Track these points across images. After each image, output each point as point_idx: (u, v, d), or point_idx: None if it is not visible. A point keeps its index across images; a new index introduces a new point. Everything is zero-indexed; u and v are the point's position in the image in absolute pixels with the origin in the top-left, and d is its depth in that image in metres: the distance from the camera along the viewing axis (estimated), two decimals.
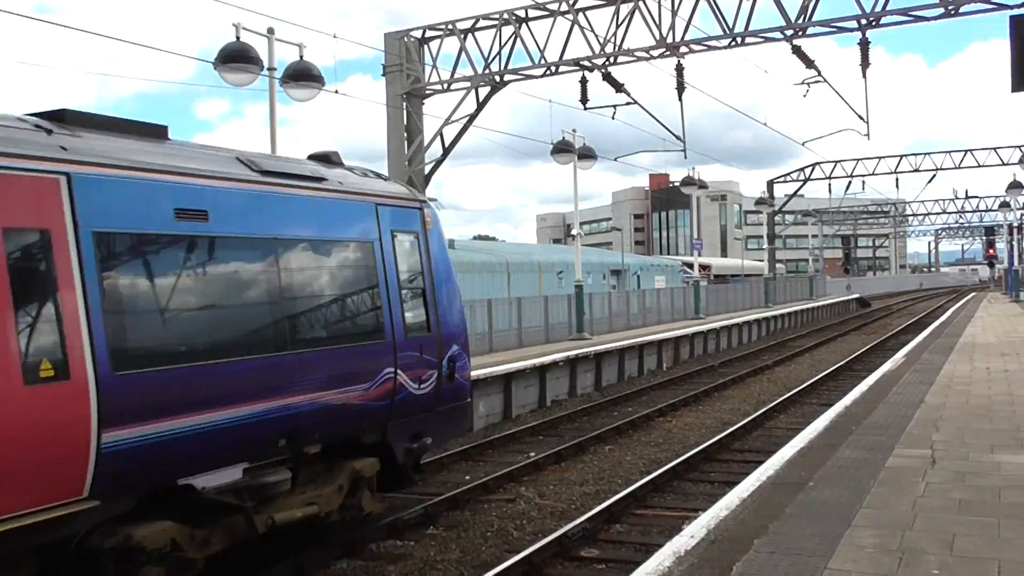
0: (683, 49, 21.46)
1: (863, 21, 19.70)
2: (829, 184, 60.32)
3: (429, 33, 24.34)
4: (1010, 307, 41.16)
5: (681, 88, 21.40)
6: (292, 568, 9.13)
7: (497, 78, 23.49)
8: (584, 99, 22.64)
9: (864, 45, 20.03)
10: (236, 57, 15.16)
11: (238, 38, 15.31)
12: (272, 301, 8.62)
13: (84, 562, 7.13)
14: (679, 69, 21.43)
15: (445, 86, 24.21)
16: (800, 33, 20.48)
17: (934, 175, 58.71)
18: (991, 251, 66.83)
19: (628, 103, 22.58)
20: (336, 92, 18.66)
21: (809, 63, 21.37)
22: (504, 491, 12.32)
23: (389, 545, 10.17)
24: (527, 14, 22.80)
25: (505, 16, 22.89)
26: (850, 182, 59.97)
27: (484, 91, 23.85)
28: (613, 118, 22.92)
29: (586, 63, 22.37)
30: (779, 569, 5.73)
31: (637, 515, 11.22)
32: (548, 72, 23.02)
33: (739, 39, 20.85)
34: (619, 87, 22.29)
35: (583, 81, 22.57)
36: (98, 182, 7.12)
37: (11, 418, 6.18)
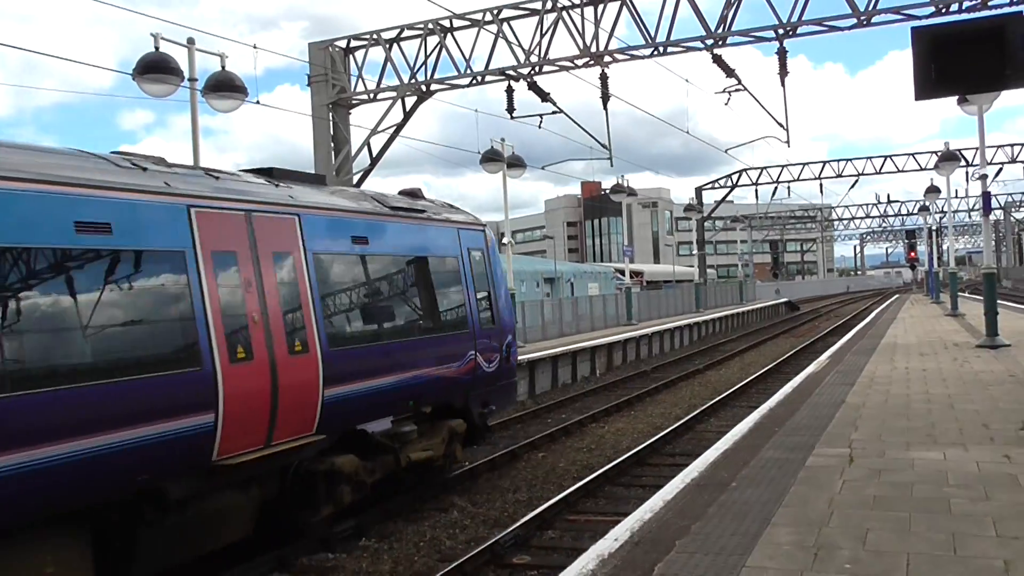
0: (607, 58, 21.74)
1: (780, 31, 20.19)
2: (756, 190, 61.59)
3: (354, 43, 24.30)
4: (931, 308, 42.21)
5: (606, 97, 21.66)
6: None
7: (423, 88, 23.54)
8: (511, 108, 22.79)
9: (782, 54, 20.52)
10: (155, 68, 14.95)
11: (157, 48, 15.10)
12: (405, 301, 12.12)
13: (301, 483, 9.95)
14: (603, 78, 21.71)
15: (371, 96, 24.18)
16: (720, 43, 20.90)
17: (856, 180, 60.44)
18: (912, 254, 68.60)
19: (554, 112, 22.78)
20: (257, 103, 18.50)
21: (730, 72, 21.79)
22: (437, 501, 12.30)
23: (320, 558, 10.10)
24: (452, 24, 22.90)
25: (430, 26, 22.95)
26: (776, 188, 61.25)
27: (411, 101, 23.90)
28: (540, 127, 23.14)
29: (511, 72, 22.54)
30: (699, 568, 5.81)
31: (569, 521, 11.29)
32: (474, 82, 23.14)
33: (661, 48, 21.21)
34: (544, 96, 22.48)
35: (509, 90, 22.74)
36: (312, 219, 10.22)
37: (284, 376, 9.23)
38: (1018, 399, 12.22)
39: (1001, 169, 59.32)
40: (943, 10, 19.08)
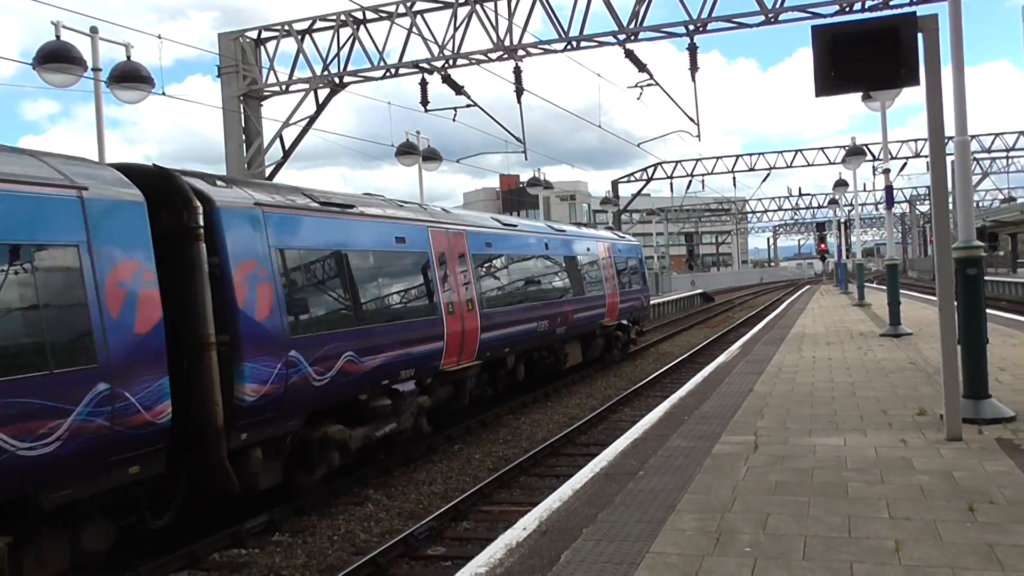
0: (520, 52, 21.81)
1: (691, 27, 20.51)
2: (671, 183, 62.49)
3: (265, 34, 23.93)
4: (839, 299, 43.37)
5: (520, 91, 21.76)
6: None
7: (336, 80, 23.31)
8: (425, 101, 22.73)
9: (692, 50, 20.86)
10: (57, 57, 14.52)
11: (58, 37, 14.66)
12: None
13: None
14: (517, 72, 21.80)
15: (283, 88, 23.85)
16: (632, 38, 21.15)
17: (768, 174, 61.76)
18: (822, 246, 70.30)
19: (468, 105, 22.79)
20: (163, 94, 18.09)
21: (641, 67, 22.06)
22: (352, 495, 12.25)
23: (232, 554, 10.00)
24: (364, 16, 22.70)
25: (343, 18, 22.73)
26: (690, 181, 62.23)
27: (324, 93, 23.63)
28: (454, 120, 23.12)
29: (425, 65, 22.47)
30: (604, 555, 5.91)
31: (483, 511, 11.36)
32: (388, 74, 22.99)
33: (574, 43, 21.36)
34: (459, 89, 22.47)
35: (423, 83, 22.68)
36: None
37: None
38: (916, 386, 12.67)
39: (905, 164, 61.39)
40: (847, 9, 19.63)
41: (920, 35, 8.51)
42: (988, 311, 10.65)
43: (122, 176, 8.90)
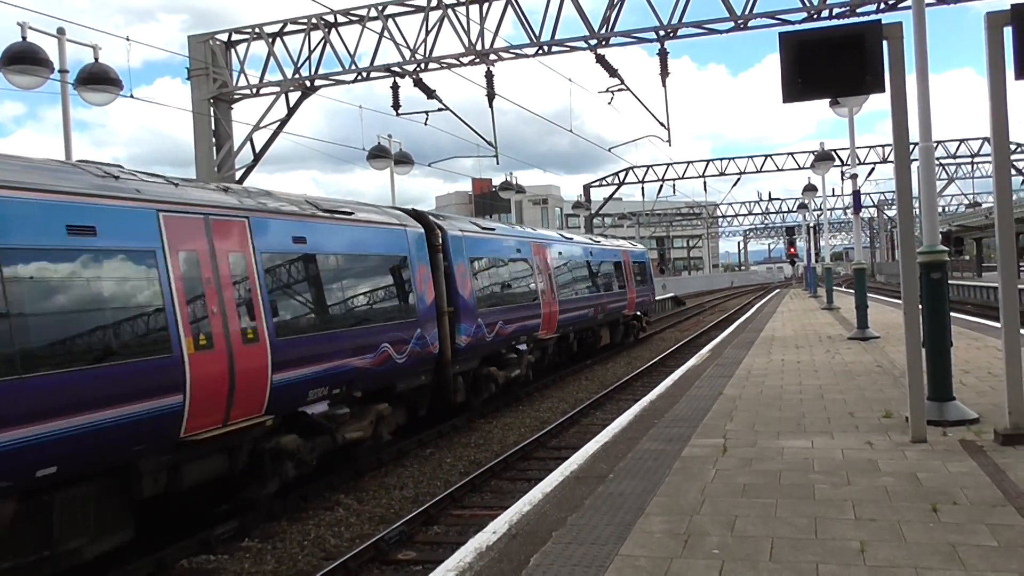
0: (492, 57, 21.85)
1: (661, 32, 20.63)
2: (642, 188, 62.84)
3: (235, 37, 23.81)
4: (808, 302, 43.69)
5: (491, 95, 21.78)
6: None
7: (307, 83, 23.24)
8: (396, 105, 22.70)
9: (663, 55, 20.98)
10: (23, 58, 14.36)
11: (24, 38, 14.52)
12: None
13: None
14: (488, 76, 21.81)
15: (254, 91, 23.74)
16: (603, 43, 21.24)
17: (738, 178, 62.25)
18: (792, 250, 70.92)
19: (440, 109, 22.80)
20: (132, 97, 17.96)
21: (612, 72, 22.15)
22: (323, 499, 12.20)
23: (201, 560, 9.92)
24: (336, 19, 22.65)
25: (314, 21, 22.66)
26: (661, 186, 62.56)
27: (295, 96, 23.54)
28: (426, 124, 23.13)
29: (397, 69, 22.45)
30: (573, 558, 5.94)
31: (454, 516, 11.36)
32: (359, 78, 22.95)
33: (546, 48, 21.43)
34: (431, 93, 22.47)
35: (395, 87, 22.63)
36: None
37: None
38: (882, 389, 12.82)
39: (873, 169, 61.92)
40: (815, 16, 19.82)
41: (885, 43, 8.63)
42: (953, 315, 10.81)
43: (413, 218, 15.89)
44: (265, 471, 11.04)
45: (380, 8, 22.16)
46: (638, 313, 33.87)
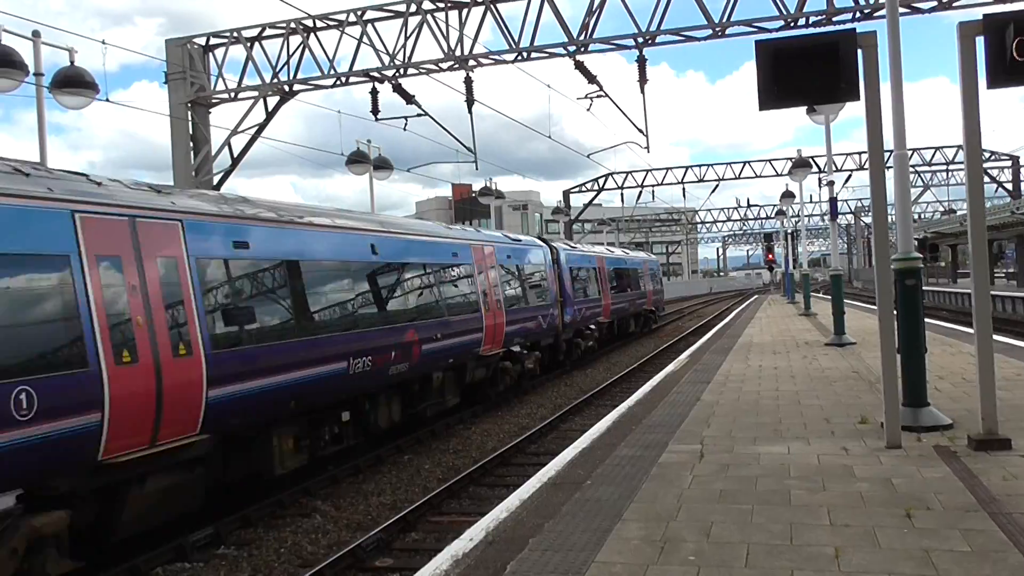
0: (471, 62, 21.88)
1: (640, 39, 20.71)
2: (621, 194, 63.07)
3: (213, 40, 23.73)
4: (786, 308, 43.89)
5: (470, 101, 21.79)
6: None
7: (286, 88, 23.19)
8: (375, 110, 22.68)
9: (641, 62, 21.06)
10: None
11: None
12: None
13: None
14: (468, 82, 21.83)
15: (232, 95, 23.66)
16: (582, 49, 21.32)
17: (717, 185, 62.59)
18: (770, 256, 71.17)
19: (419, 114, 22.80)
20: (108, 100, 17.84)
21: (591, 78, 22.23)
22: (299, 507, 12.16)
23: (175, 568, 9.88)
24: (314, 24, 22.61)
25: (292, 25, 22.61)
26: (640, 192, 62.78)
27: (273, 101, 23.49)
28: (405, 129, 23.13)
29: (376, 74, 22.42)
30: (550, 565, 5.94)
31: (432, 522, 11.34)
32: (338, 83, 22.92)
33: (525, 54, 21.48)
34: (409, 99, 22.46)
35: (374, 92, 22.61)
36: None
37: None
38: (858, 394, 12.88)
39: (850, 176, 62.58)
40: (791, 24, 19.97)
41: (860, 51, 8.69)
42: (928, 321, 10.89)
43: (542, 241, 26.65)
44: (497, 379, 20.45)
45: (359, 13, 22.15)
46: (653, 308, 44.72)
